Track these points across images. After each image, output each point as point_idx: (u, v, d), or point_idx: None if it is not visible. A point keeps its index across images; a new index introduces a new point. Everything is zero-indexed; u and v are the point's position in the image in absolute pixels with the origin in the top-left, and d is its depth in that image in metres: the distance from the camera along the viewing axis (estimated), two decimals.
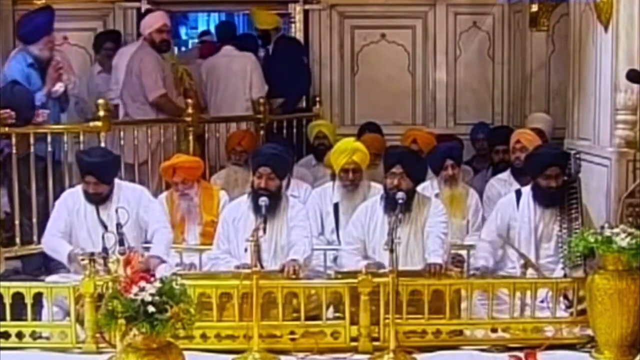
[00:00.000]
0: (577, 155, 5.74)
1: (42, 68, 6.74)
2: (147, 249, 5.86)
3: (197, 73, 8.38)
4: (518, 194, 5.91)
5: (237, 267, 5.56)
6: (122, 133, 6.96)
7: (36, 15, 6.85)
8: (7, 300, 5.19)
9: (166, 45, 7.59)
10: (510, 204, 5.89)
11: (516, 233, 5.82)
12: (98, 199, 5.86)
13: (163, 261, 5.73)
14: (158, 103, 7.38)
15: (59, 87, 6.79)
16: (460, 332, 5.31)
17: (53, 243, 5.86)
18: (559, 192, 5.72)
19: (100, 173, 5.86)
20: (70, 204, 5.90)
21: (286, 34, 8.91)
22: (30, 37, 6.66)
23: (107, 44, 8.12)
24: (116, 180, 6.01)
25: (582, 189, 5.70)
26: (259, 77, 8.19)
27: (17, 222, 6.53)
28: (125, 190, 5.97)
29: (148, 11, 8.08)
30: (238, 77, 8.19)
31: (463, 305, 5.30)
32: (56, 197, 6.18)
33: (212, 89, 8.25)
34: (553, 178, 5.73)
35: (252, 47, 8.63)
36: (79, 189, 6.00)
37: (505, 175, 6.80)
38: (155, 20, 7.57)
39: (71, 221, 5.86)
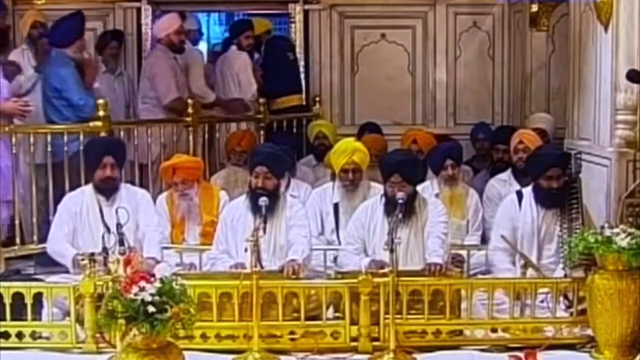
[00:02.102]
0: (578, 155, 5.73)
1: (79, 68, 7.05)
2: None
3: None
4: (519, 195, 5.90)
5: (231, 266, 5.58)
6: (121, 133, 6.98)
7: (69, 20, 7.16)
8: (7, 300, 5.19)
9: (182, 46, 7.81)
10: (512, 205, 5.88)
11: (519, 234, 5.81)
12: (112, 187, 5.90)
13: (158, 261, 5.74)
14: (172, 107, 7.53)
15: (96, 85, 7.37)
16: (460, 332, 5.31)
17: (58, 247, 5.86)
18: (560, 193, 5.71)
19: (117, 152, 6.02)
20: (73, 207, 5.91)
21: (277, 36, 8.95)
22: (65, 40, 6.98)
23: (113, 42, 8.15)
24: (122, 184, 6.06)
25: (582, 189, 5.70)
26: (246, 76, 8.22)
27: (17, 222, 6.54)
28: (128, 192, 6.00)
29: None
30: (227, 77, 8.26)
31: (463, 305, 5.30)
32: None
33: (215, 88, 8.28)
34: (554, 179, 5.72)
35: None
36: (79, 191, 6.03)
37: (506, 175, 6.80)
38: (173, 22, 7.82)
39: (74, 224, 5.87)
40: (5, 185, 6.52)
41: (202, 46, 10.22)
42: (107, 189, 5.91)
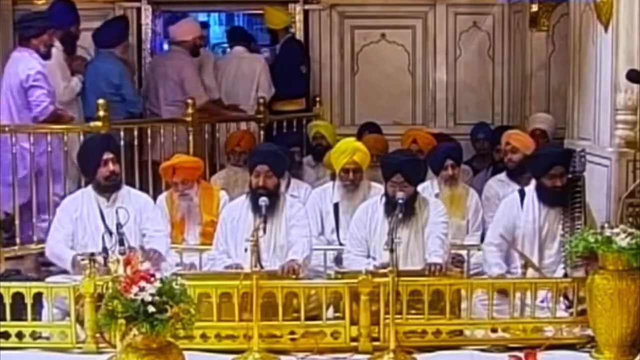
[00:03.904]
0: (582, 154, 5.70)
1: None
2: None
3: None
4: (521, 194, 5.88)
5: (227, 267, 5.57)
6: (122, 133, 6.98)
7: (116, 23, 7.91)
8: (7, 300, 5.19)
9: (199, 50, 8.15)
10: (514, 204, 5.85)
11: (520, 233, 5.80)
12: (116, 184, 5.89)
13: (161, 255, 5.73)
14: (205, 108, 7.74)
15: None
16: (460, 332, 5.31)
17: (56, 250, 5.84)
18: (563, 192, 5.68)
19: (115, 147, 6.11)
20: (72, 211, 5.87)
21: (295, 37, 8.81)
22: (113, 41, 7.55)
23: None
24: (125, 186, 6.04)
25: (585, 188, 5.68)
26: (267, 78, 8.27)
27: (17, 222, 6.54)
28: (130, 196, 5.97)
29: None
30: (246, 79, 8.27)
31: (463, 305, 5.30)
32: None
33: (221, 88, 8.26)
34: (558, 177, 5.69)
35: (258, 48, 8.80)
36: (79, 194, 6.00)
37: (503, 176, 6.80)
38: (196, 27, 8.28)
39: (74, 228, 5.83)
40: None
41: None
42: (111, 187, 5.88)
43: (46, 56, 6.77)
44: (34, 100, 6.58)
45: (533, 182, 5.90)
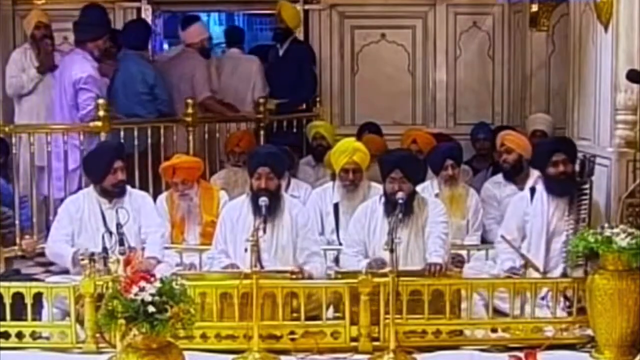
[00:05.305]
0: (592, 159, 5.68)
1: None
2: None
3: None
4: (532, 190, 5.91)
5: (225, 267, 5.58)
6: (122, 132, 6.99)
7: (143, 26, 8.13)
8: (7, 300, 5.19)
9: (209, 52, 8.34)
10: (524, 199, 5.89)
11: (529, 228, 5.80)
12: (122, 190, 5.90)
13: (159, 261, 5.74)
14: (205, 104, 7.82)
15: None
16: (460, 332, 5.31)
17: (56, 248, 5.85)
18: (570, 179, 5.68)
19: (125, 155, 6.15)
20: (73, 211, 5.88)
21: (299, 38, 8.78)
22: (143, 43, 7.81)
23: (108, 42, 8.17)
24: (127, 187, 6.04)
25: (592, 192, 5.67)
26: (262, 79, 8.30)
27: (17, 222, 6.54)
28: (130, 195, 5.98)
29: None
30: (243, 79, 8.27)
31: (463, 305, 5.30)
32: None
33: (218, 89, 8.27)
34: (561, 163, 5.70)
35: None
36: (80, 195, 6.01)
37: (499, 177, 6.80)
38: (204, 30, 8.37)
39: (73, 228, 5.84)
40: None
41: None
42: (117, 193, 5.89)
43: (98, 60, 7.18)
44: (81, 103, 6.98)
45: (532, 180, 5.92)
